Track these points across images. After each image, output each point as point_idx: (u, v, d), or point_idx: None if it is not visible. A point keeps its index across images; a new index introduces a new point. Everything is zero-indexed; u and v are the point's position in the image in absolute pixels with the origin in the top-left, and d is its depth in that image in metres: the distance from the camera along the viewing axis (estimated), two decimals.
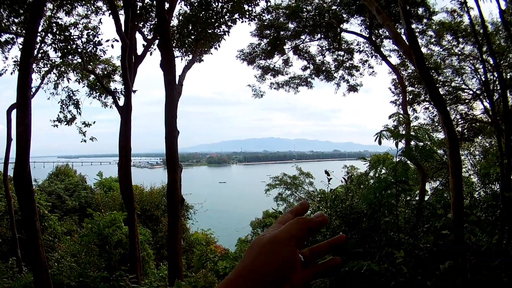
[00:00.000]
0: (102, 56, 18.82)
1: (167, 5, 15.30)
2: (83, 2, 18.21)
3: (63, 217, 27.71)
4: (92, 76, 20.81)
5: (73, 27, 17.93)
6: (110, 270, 15.70)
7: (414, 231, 8.75)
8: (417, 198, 15.52)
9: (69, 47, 17.34)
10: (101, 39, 17.68)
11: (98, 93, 21.95)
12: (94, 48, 17.63)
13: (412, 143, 8.53)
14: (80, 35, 17.60)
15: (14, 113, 17.10)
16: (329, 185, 9.27)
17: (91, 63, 19.30)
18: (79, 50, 17.60)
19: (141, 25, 18.73)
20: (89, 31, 17.97)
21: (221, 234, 33.95)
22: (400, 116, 9.02)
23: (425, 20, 20.35)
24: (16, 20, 17.40)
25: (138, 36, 18.40)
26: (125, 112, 16.51)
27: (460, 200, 7.30)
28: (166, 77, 13.95)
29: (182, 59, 19.57)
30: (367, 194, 8.70)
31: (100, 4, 18.85)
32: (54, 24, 17.28)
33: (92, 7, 18.78)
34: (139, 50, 18.41)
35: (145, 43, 18.67)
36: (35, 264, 11.92)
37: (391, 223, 8.45)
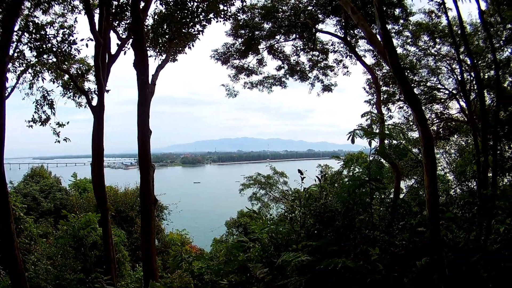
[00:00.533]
0: (76, 56, 18.60)
1: (142, 4, 15.22)
2: (60, 0, 17.98)
3: (39, 219, 27.35)
4: (67, 75, 20.52)
5: (49, 26, 17.82)
6: (86, 272, 15.54)
7: (389, 228, 8.76)
8: (391, 196, 15.61)
9: (44, 46, 17.18)
10: (76, 38, 17.60)
11: (72, 93, 21.66)
12: (69, 47, 17.46)
13: (386, 141, 8.56)
14: (56, 34, 17.47)
15: None
16: (303, 184, 9.27)
17: (66, 63, 19.06)
18: (54, 49, 17.46)
19: (115, 24, 18.54)
20: (65, 30, 17.81)
21: (196, 234, 33.88)
22: (373, 114, 9.02)
23: (401, 21, 20.45)
24: None
25: (113, 35, 18.27)
26: (98, 112, 16.39)
27: (435, 197, 7.33)
28: (139, 77, 13.92)
29: (155, 58, 19.49)
30: (340, 192, 8.71)
31: (76, 2, 18.60)
32: (30, 23, 17.02)
33: (68, 6, 18.54)
34: (113, 49, 18.27)
35: (119, 42, 18.45)
36: (11, 267, 11.83)
37: (365, 221, 8.47)
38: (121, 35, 18.62)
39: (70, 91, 21.54)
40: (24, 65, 19.52)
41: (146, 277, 13.76)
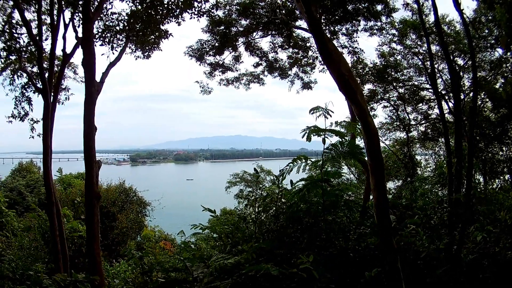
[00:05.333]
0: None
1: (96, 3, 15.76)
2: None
3: (24, 213, 27.55)
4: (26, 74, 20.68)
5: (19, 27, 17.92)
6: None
7: (346, 234, 8.35)
8: (372, 199, 14.95)
9: (13, 46, 17.69)
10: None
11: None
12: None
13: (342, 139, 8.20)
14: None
15: None
16: (259, 185, 9.14)
17: (34, 61, 19.09)
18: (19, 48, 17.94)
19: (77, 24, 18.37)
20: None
21: (185, 231, 33.65)
22: (323, 110, 8.20)
23: (383, 18, 20.03)
24: None
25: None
26: (45, 111, 16.58)
27: (383, 202, 6.45)
28: (86, 74, 14.21)
29: (130, 54, 19.13)
30: (290, 194, 8.44)
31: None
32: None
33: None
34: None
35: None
36: None
37: (319, 226, 8.17)
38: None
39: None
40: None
41: (89, 271, 13.62)
